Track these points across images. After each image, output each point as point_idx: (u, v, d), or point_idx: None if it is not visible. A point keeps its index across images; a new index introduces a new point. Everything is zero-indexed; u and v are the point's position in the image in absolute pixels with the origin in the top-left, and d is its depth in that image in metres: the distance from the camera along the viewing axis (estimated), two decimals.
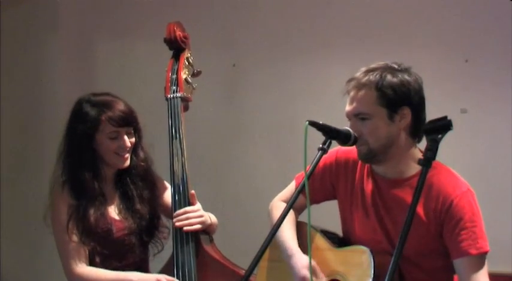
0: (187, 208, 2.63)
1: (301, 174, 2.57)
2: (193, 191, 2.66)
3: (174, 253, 2.56)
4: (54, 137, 2.76)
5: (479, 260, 2.26)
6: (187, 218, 2.61)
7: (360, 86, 2.32)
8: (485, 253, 2.28)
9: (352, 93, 2.34)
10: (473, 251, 2.25)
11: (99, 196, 2.59)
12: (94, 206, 2.57)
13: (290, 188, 2.63)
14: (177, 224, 2.61)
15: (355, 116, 2.32)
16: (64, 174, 2.62)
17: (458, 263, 2.28)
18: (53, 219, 2.60)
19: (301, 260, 2.39)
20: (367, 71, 2.34)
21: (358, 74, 2.35)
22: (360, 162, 2.45)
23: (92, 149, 2.59)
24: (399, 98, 2.31)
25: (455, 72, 3.77)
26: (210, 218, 2.69)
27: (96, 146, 2.59)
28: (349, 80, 2.36)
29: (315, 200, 2.49)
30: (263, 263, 2.57)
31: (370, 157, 2.34)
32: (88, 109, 2.58)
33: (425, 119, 2.34)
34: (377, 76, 2.31)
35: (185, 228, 2.59)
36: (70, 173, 2.60)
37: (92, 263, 2.59)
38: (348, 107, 2.35)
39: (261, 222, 2.66)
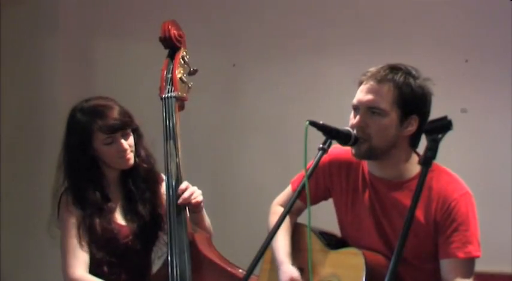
0: (187, 184, 2.58)
1: (296, 178, 2.56)
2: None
3: (168, 254, 2.53)
4: (54, 137, 2.76)
5: (466, 265, 2.23)
6: (192, 193, 2.56)
7: (382, 79, 2.26)
8: (473, 258, 2.24)
9: (370, 85, 2.26)
10: (461, 255, 2.22)
11: (104, 205, 2.57)
12: (99, 215, 2.56)
13: (287, 192, 2.61)
14: (183, 198, 2.54)
15: (369, 109, 2.26)
16: (66, 183, 2.61)
17: (444, 264, 2.25)
18: (61, 220, 2.59)
19: (287, 272, 2.38)
20: (390, 68, 2.29)
21: (378, 68, 2.30)
22: (354, 163, 2.42)
23: (90, 156, 2.57)
24: (415, 105, 2.28)
25: (455, 72, 3.77)
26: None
27: (95, 153, 2.57)
28: (367, 72, 2.31)
29: (310, 201, 2.46)
30: (265, 265, 2.56)
31: (369, 154, 2.29)
32: (80, 118, 2.56)
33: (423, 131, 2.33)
34: (401, 77, 2.26)
35: (193, 200, 2.55)
36: (71, 184, 2.59)
37: (100, 272, 2.56)
38: (361, 96, 2.28)
39: (261, 221, 2.66)
